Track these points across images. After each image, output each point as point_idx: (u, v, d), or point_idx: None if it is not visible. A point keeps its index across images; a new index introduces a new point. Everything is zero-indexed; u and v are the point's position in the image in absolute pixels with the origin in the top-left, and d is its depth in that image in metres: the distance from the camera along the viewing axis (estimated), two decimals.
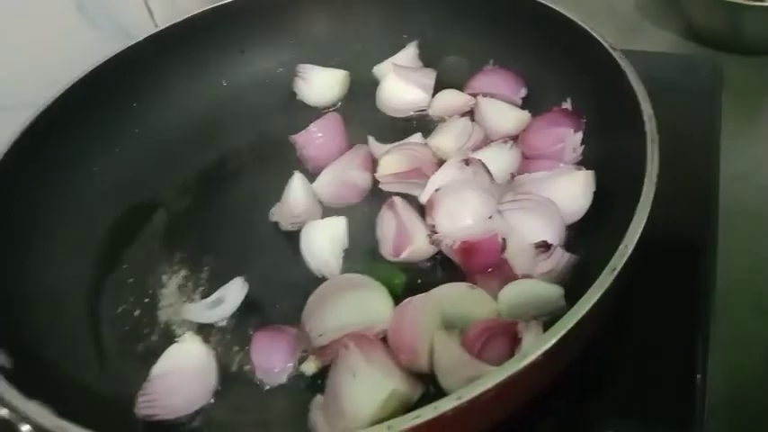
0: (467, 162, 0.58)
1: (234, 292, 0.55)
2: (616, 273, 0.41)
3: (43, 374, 0.50)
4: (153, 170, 0.69)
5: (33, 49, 0.72)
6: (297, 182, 0.62)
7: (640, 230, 0.43)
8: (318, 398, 0.48)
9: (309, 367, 0.50)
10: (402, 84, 0.71)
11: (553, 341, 0.39)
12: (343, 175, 0.63)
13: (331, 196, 0.62)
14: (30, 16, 0.72)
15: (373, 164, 0.64)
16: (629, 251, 0.42)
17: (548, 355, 0.38)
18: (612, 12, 0.96)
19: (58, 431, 0.40)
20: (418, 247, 0.56)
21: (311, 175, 0.64)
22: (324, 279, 0.56)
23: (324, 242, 0.57)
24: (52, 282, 0.59)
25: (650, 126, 0.50)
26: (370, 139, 0.67)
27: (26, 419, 0.42)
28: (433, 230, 0.56)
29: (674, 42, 0.90)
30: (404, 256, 0.56)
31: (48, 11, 0.73)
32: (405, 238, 0.56)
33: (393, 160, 0.62)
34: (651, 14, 0.96)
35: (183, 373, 0.50)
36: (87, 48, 0.71)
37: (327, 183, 0.63)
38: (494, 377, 0.37)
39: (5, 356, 0.47)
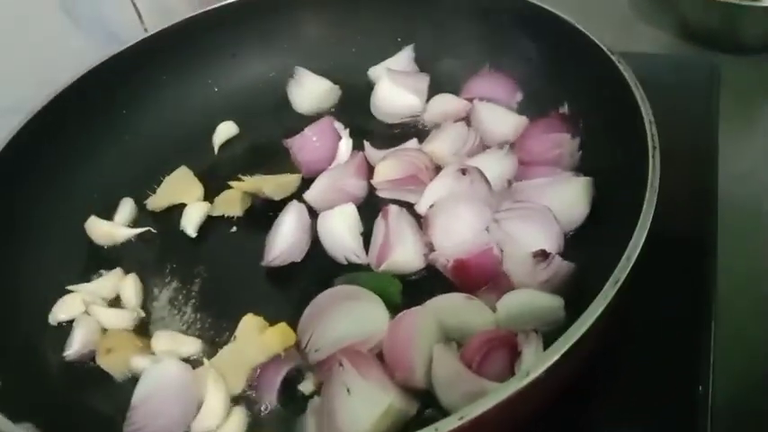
0: (463, 171, 0.57)
1: None
2: (619, 284, 0.41)
3: (31, 393, 0.49)
4: (143, 177, 0.68)
5: (22, 54, 0.70)
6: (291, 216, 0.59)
7: (643, 240, 0.43)
8: (314, 400, 0.47)
9: (307, 387, 0.49)
10: (395, 89, 0.69)
11: (556, 357, 0.38)
12: (338, 183, 0.61)
13: (326, 204, 0.61)
14: (17, 20, 0.70)
15: (369, 170, 0.63)
16: (632, 262, 0.42)
17: (551, 371, 0.37)
18: (606, 13, 0.95)
19: None
20: (397, 260, 0.55)
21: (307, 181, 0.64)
22: (350, 265, 0.56)
23: (342, 228, 0.57)
24: (39, 293, 0.57)
25: (651, 133, 0.49)
26: (366, 145, 0.65)
27: None
28: (430, 248, 0.55)
29: (668, 43, 0.89)
30: (383, 267, 0.55)
31: (35, 15, 0.72)
32: (387, 249, 0.55)
33: (389, 167, 0.61)
34: (645, 15, 0.95)
35: (165, 394, 0.49)
36: (77, 52, 0.70)
37: (322, 190, 0.62)
38: (496, 395, 0.36)
39: None
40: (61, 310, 0.56)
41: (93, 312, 0.56)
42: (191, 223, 0.62)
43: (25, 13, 0.71)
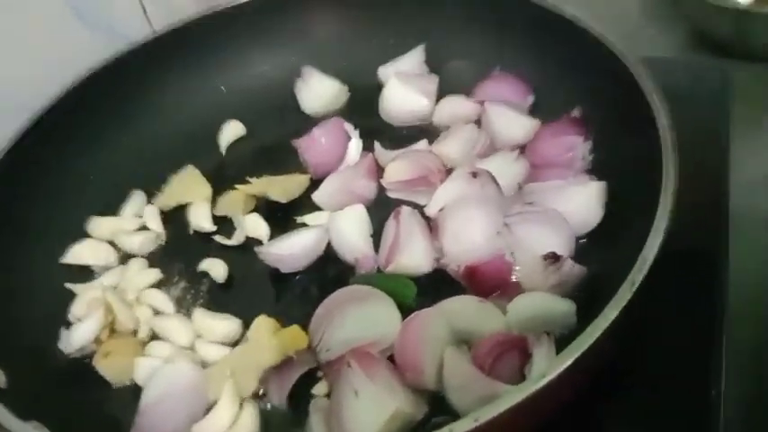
0: (474, 174, 0.57)
1: None
2: (635, 287, 0.40)
3: (39, 392, 0.48)
4: (151, 176, 0.67)
5: (30, 53, 0.70)
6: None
7: (659, 243, 0.42)
8: (318, 400, 0.47)
9: (320, 390, 0.48)
10: (404, 90, 0.69)
11: (573, 359, 0.37)
12: (348, 184, 0.61)
13: (335, 205, 0.60)
14: (26, 20, 0.70)
15: (378, 171, 0.63)
16: (648, 264, 0.41)
17: (567, 373, 0.37)
18: (617, 17, 0.95)
19: None
20: (405, 261, 0.54)
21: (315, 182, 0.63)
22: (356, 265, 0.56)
23: (352, 229, 0.57)
24: (47, 294, 0.57)
25: (669, 137, 0.49)
26: (377, 146, 0.65)
27: None
28: (441, 251, 0.54)
29: (679, 49, 0.89)
30: (390, 268, 0.54)
31: (42, 14, 0.72)
32: (396, 250, 0.55)
33: (400, 167, 0.61)
34: (656, 21, 0.94)
35: (176, 395, 0.48)
36: (84, 51, 0.70)
37: (332, 191, 0.61)
38: (512, 397, 0.36)
39: (1, 374, 0.46)
40: (79, 305, 0.56)
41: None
42: (202, 220, 0.62)
43: (33, 13, 0.71)
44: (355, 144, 0.65)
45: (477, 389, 0.43)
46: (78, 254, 0.60)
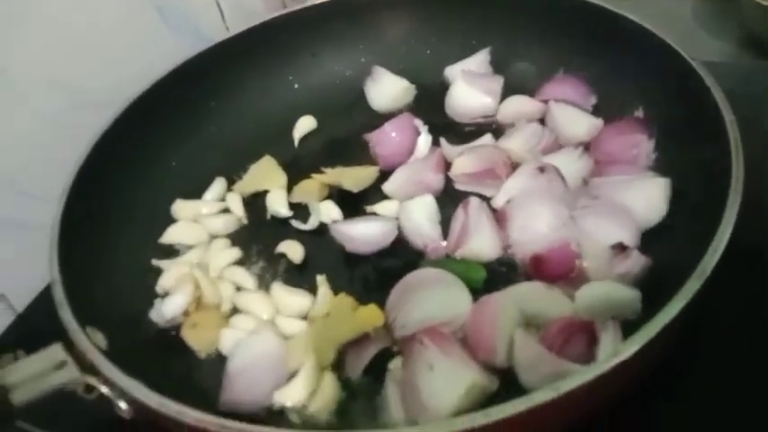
0: (542, 169, 0.59)
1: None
2: (705, 277, 0.42)
3: (134, 360, 0.52)
4: (228, 167, 0.71)
5: (118, 51, 0.75)
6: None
7: (728, 236, 0.44)
8: (393, 372, 0.49)
9: (396, 364, 0.50)
10: (470, 89, 0.72)
11: (644, 342, 0.39)
12: (417, 175, 0.64)
13: (404, 195, 0.63)
14: (115, 20, 0.75)
15: (446, 165, 0.65)
16: (718, 256, 0.43)
17: (637, 356, 0.39)
18: (669, 20, 0.95)
19: (159, 408, 0.42)
20: (473, 247, 0.57)
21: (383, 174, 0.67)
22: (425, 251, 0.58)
23: (422, 217, 0.60)
24: (137, 270, 0.61)
25: (734, 134, 0.50)
26: (443, 142, 0.68)
27: (125, 396, 0.44)
28: (507, 242, 0.57)
29: (732, 52, 0.89)
30: (459, 253, 0.57)
31: (131, 14, 0.77)
32: (463, 237, 0.57)
33: (467, 160, 0.63)
34: (708, 25, 0.95)
35: (260, 364, 0.51)
36: (169, 51, 0.74)
37: (401, 182, 0.64)
38: (583, 375, 0.38)
39: (102, 337, 0.50)
40: (167, 279, 0.60)
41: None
42: (280, 206, 0.65)
43: (122, 14, 0.76)
44: (424, 138, 0.68)
45: (547, 368, 0.46)
46: (174, 234, 0.64)
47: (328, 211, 0.64)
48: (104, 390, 0.45)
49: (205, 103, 0.74)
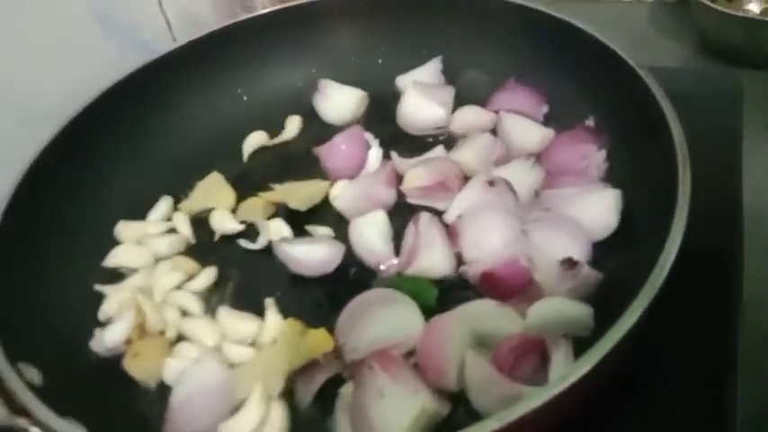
0: (491, 183, 0.58)
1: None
2: (655, 292, 0.41)
3: (73, 393, 0.49)
4: (174, 185, 0.69)
5: (55, 63, 0.72)
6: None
7: (676, 250, 0.43)
8: (342, 398, 0.48)
9: (348, 389, 0.49)
10: (421, 100, 0.71)
11: (595, 362, 0.38)
12: (368, 190, 0.63)
13: (355, 210, 0.62)
14: (51, 31, 0.72)
15: (397, 179, 0.64)
16: (666, 270, 0.42)
17: (589, 376, 0.38)
18: (625, 25, 0.97)
19: None
20: (424, 263, 0.56)
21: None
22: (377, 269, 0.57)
23: (373, 234, 0.59)
24: (78, 296, 0.59)
25: (680, 146, 0.50)
26: (394, 155, 0.67)
27: None
28: (459, 259, 0.56)
29: (688, 58, 0.90)
30: (410, 270, 0.56)
31: (69, 24, 0.74)
32: (414, 253, 0.56)
33: (418, 174, 0.62)
34: (664, 30, 0.96)
35: (205, 395, 0.49)
36: (109, 61, 0.72)
37: (352, 198, 0.63)
38: (534, 399, 0.37)
39: (36, 372, 0.47)
40: (110, 305, 0.57)
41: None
42: (225, 224, 0.64)
43: (59, 24, 0.73)
44: (375, 152, 0.67)
45: (498, 390, 0.45)
46: (117, 257, 0.62)
47: (278, 230, 0.62)
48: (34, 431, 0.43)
49: (150, 118, 0.72)
